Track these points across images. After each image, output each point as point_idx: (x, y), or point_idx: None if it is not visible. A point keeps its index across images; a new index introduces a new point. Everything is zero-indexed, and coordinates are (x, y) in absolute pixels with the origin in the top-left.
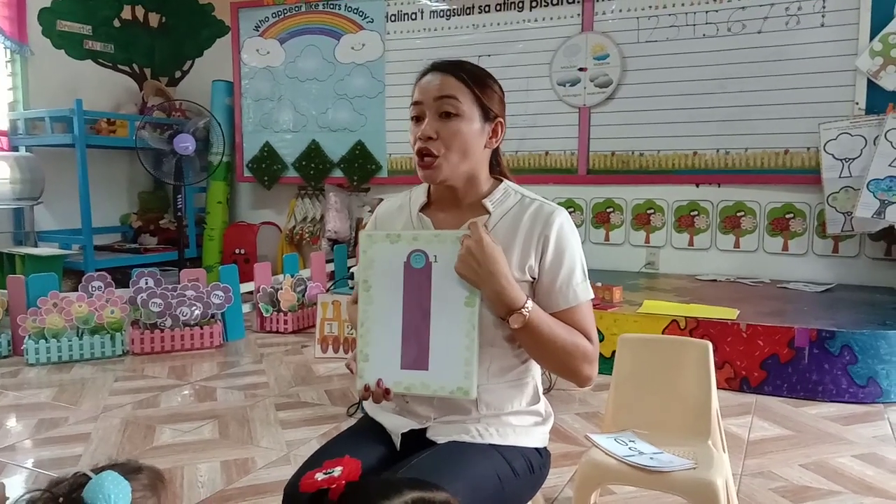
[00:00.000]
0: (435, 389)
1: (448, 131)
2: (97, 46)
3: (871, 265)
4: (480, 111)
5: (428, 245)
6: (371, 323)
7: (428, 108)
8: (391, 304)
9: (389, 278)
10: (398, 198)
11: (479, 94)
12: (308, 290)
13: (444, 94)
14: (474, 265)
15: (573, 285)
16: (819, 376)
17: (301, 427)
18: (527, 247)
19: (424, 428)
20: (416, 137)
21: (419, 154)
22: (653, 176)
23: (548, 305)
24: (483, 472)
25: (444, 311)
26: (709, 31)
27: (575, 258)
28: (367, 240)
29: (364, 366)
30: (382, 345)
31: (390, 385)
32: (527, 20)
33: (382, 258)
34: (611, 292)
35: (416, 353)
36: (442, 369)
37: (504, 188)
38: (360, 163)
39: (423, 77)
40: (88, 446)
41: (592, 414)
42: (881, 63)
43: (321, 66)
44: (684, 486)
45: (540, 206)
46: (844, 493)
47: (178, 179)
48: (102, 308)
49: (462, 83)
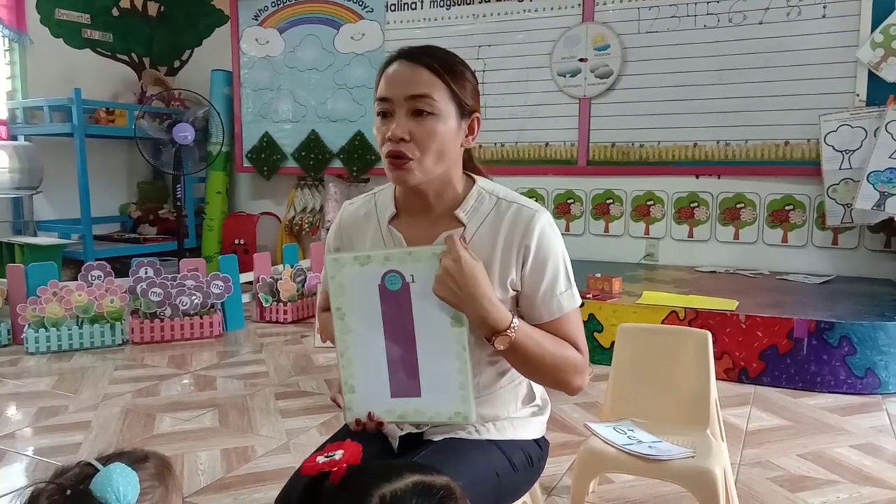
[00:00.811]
0: (431, 416)
1: (423, 132)
2: (96, 35)
3: (871, 257)
4: (456, 107)
5: (402, 265)
6: (352, 353)
7: (398, 105)
8: (370, 330)
9: (364, 304)
10: (363, 202)
11: (454, 87)
12: (307, 281)
13: (417, 93)
14: (454, 287)
15: (557, 296)
16: (817, 367)
17: (301, 416)
18: (506, 259)
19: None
20: (384, 137)
21: (389, 156)
22: (653, 167)
23: (532, 317)
24: (481, 469)
25: (429, 334)
26: (710, 21)
27: (558, 266)
28: (333, 264)
29: (351, 398)
30: (368, 374)
31: (382, 414)
32: (527, 10)
33: (354, 283)
34: (610, 283)
35: (405, 380)
36: (436, 395)
37: (478, 192)
38: (359, 153)
39: (390, 66)
40: (88, 434)
41: (591, 403)
42: (882, 54)
43: (321, 56)
44: (683, 475)
45: (518, 210)
46: (842, 482)
47: (177, 169)
48: (102, 297)
49: (436, 76)
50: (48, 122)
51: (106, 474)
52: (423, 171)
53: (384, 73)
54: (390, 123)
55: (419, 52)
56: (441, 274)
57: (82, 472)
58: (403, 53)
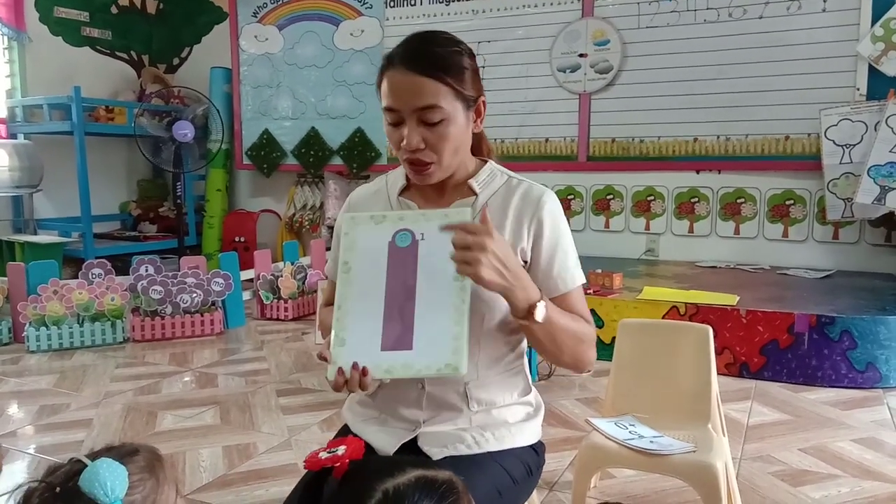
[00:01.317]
0: (419, 369)
1: (435, 138)
2: (95, 33)
3: (871, 251)
4: (462, 103)
5: (415, 224)
6: (349, 305)
7: (407, 115)
8: (373, 284)
9: (372, 259)
10: (373, 184)
11: (457, 87)
12: (308, 278)
13: (424, 105)
14: (500, 267)
15: (570, 269)
16: (818, 362)
17: (302, 413)
18: (518, 229)
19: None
20: (398, 145)
21: (408, 162)
22: (653, 162)
23: (547, 290)
24: (482, 490)
25: (430, 288)
26: (709, 16)
27: (569, 242)
28: (349, 221)
29: (339, 350)
30: (361, 327)
31: (369, 368)
32: (526, 6)
33: (366, 239)
34: (611, 279)
35: (398, 333)
36: (427, 347)
37: (490, 169)
38: (359, 150)
39: (389, 71)
40: (90, 432)
41: (592, 399)
42: (882, 48)
43: (320, 53)
44: (684, 469)
45: (529, 187)
46: (843, 476)
47: (177, 167)
48: (103, 295)
49: (439, 82)
50: (48, 120)
51: (93, 469)
52: (443, 170)
53: (385, 76)
54: (402, 131)
55: (417, 56)
56: (485, 256)
57: (72, 469)
58: (401, 58)
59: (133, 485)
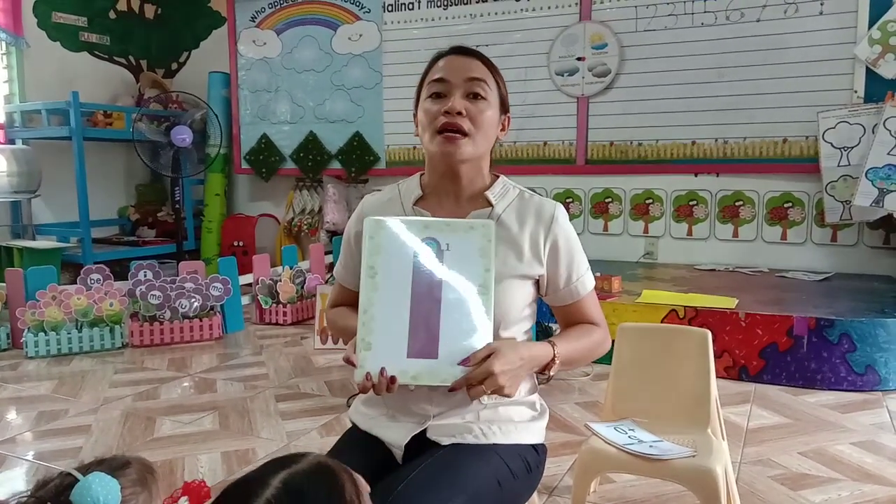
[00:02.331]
0: (444, 378)
1: (476, 111)
2: (93, 38)
3: (870, 253)
4: (499, 100)
5: (440, 233)
6: (375, 310)
7: (456, 86)
8: (399, 291)
9: (398, 265)
10: (385, 191)
11: (499, 81)
12: (307, 282)
13: (475, 76)
14: (517, 371)
15: (582, 276)
16: (818, 364)
17: (301, 418)
18: (534, 245)
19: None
20: (437, 113)
21: (444, 129)
22: (651, 166)
23: (561, 299)
24: (483, 479)
25: (455, 298)
26: (707, 19)
27: (580, 250)
28: (374, 225)
29: (366, 354)
30: (387, 333)
31: (394, 373)
32: (524, 9)
33: (391, 244)
34: (610, 282)
35: (424, 340)
36: (451, 357)
37: (503, 182)
38: (357, 154)
39: (441, 59)
40: (89, 438)
41: (592, 403)
42: (880, 51)
43: (318, 57)
44: (684, 474)
45: (540, 203)
46: (843, 480)
47: (175, 172)
48: (101, 301)
49: (489, 69)
50: (46, 125)
51: (85, 484)
52: (474, 147)
53: (436, 63)
54: (445, 101)
55: (470, 50)
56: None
57: (62, 483)
58: (456, 49)
59: (126, 498)
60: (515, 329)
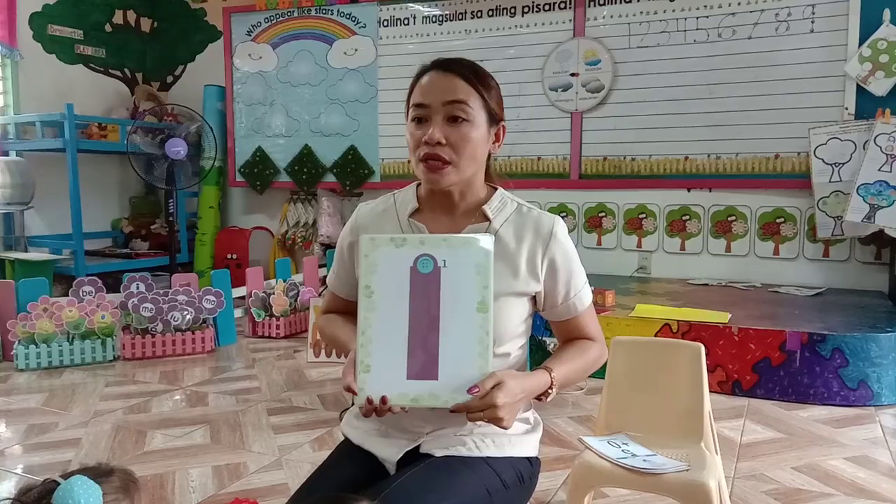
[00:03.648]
0: (446, 400)
1: (458, 136)
2: (88, 51)
3: (862, 269)
4: (487, 115)
5: (436, 249)
6: (373, 332)
7: (435, 111)
8: (396, 311)
9: (394, 284)
10: (379, 201)
11: (485, 96)
12: (300, 295)
13: (454, 99)
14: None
15: (580, 291)
16: (810, 379)
17: (293, 432)
18: (532, 259)
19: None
20: (420, 141)
21: (426, 158)
22: (644, 181)
23: (559, 315)
24: (472, 487)
25: (454, 318)
26: (699, 36)
27: (579, 265)
28: (369, 243)
29: (365, 377)
30: (386, 354)
31: (395, 397)
32: (519, 25)
33: (387, 262)
34: (603, 296)
35: (423, 362)
36: (453, 379)
37: (500, 196)
38: (352, 167)
39: (424, 76)
40: (79, 451)
41: (585, 417)
42: (870, 68)
43: (314, 71)
44: (677, 488)
45: (539, 216)
46: (836, 495)
47: (169, 184)
48: (93, 313)
49: (470, 85)
50: (40, 137)
51: (67, 487)
52: (457, 174)
53: (418, 82)
54: (426, 128)
55: (453, 63)
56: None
57: (45, 489)
58: (438, 64)
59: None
60: (511, 345)
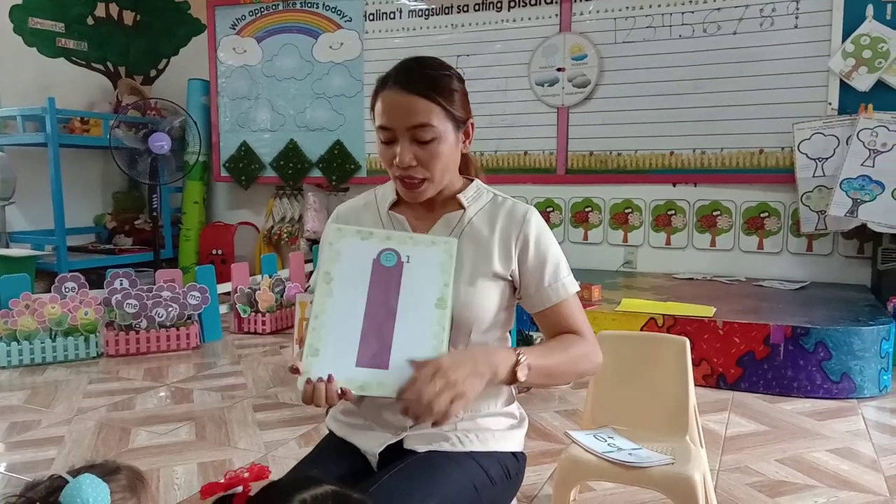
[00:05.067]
0: (393, 390)
1: (427, 156)
2: (70, 44)
3: (845, 263)
4: (452, 124)
5: (401, 245)
6: (326, 317)
7: (400, 133)
8: (353, 299)
9: (355, 273)
10: (361, 197)
11: (448, 108)
12: (286, 291)
13: (416, 123)
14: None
15: (561, 279)
16: (794, 372)
17: (279, 428)
18: (505, 247)
19: (400, 440)
20: (391, 162)
21: (400, 178)
22: (630, 175)
23: (540, 302)
24: (458, 483)
25: (412, 311)
26: (685, 32)
27: (557, 253)
28: (336, 232)
29: (312, 360)
30: (337, 339)
31: (342, 381)
32: (505, 20)
33: (350, 252)
34: (590, 291)
35: (375, 350)
36: (402, 370)
37: (476, 186)
38: (338, 162)
39: (384, 92)
40: (62, 449)
41: (572, 411)
42: (853, 64)
43: (299, 65)
44: (663, 482)
45: (513, 205)
46: (820, 487)
47: (153, 179)
48: (76, 309)
49: (431, 102)
50: (21, 131)
51: (75, 485)
52: (434, 187)
53: (380, 97)
54: (395, 149)
55: (411, 78)
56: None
57: (52, 485)
58: (396, 80)
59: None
60: (489, 335)
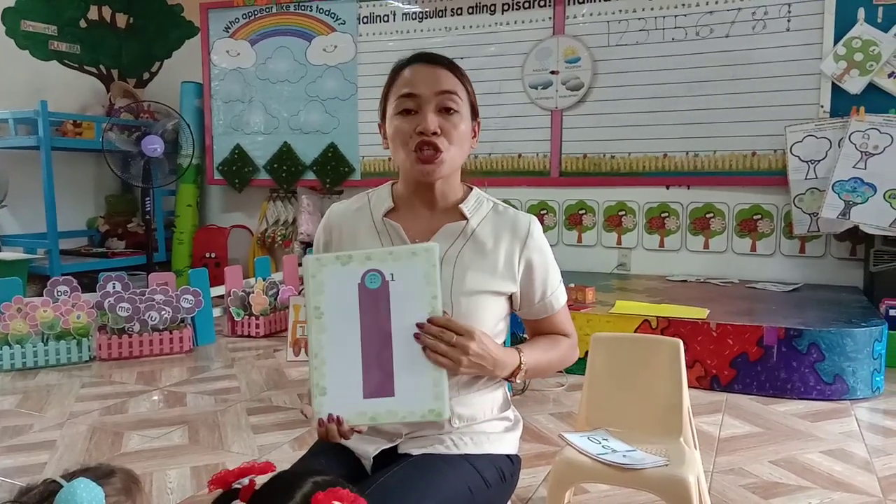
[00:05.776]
0: (404, 415)
1: (450, 126)
2: (63, 47)
3: (837, 265)
4: (470, 108)
5: (382, 264)
6: (326, 353)
7: (426, 101)
8: (347, 329)
9: (343, 302)
10: (353, 200)
11: (469, 90)
12: (280, 294)
13: (446, 89)
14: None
15: (556, 293)
16: (787, 374)
17: (273, 431)
18: (509, 263)
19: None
20: (411, 132)
21: (421, 147)
22: (624, 178)
23: (534, 314)
24: (453, 486)
25: (406, 332)
26: (678, 35)
27: (554, 265)
28: (315, 264)
29: (321, 400)
30: (341, 375)
31: (353, 417)
32: (499, 23)
33: (333, 281)
34: (583, 293)
35: (379, 379)
36: (410, 393)
37: (477, 195)
38: (332, 165)
39: (406, 69)
40: (54, 454)
41: (566, 413)
42: (845, 67)
43: (293, 68)
44: (657, 484)
45: (515, 216)
46: (813, 488)
47: (146, 182)
48: (68, 313)
49: (458, 79)
50: (13, 134)
51: (70, 490)
52: (451, 165)
53: (401, 74)
54: (417, 119)
55: (435, 55)
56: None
57: (46, 490)
58: (422, 57)
59: None
60: None
